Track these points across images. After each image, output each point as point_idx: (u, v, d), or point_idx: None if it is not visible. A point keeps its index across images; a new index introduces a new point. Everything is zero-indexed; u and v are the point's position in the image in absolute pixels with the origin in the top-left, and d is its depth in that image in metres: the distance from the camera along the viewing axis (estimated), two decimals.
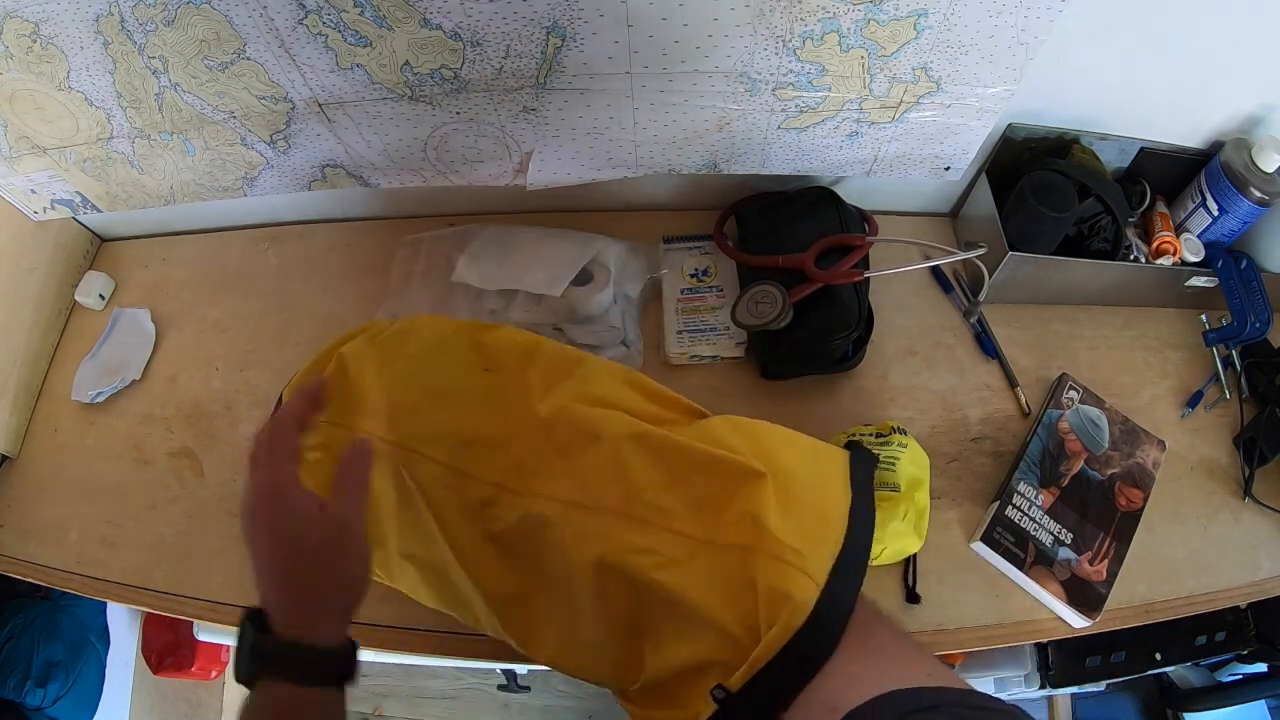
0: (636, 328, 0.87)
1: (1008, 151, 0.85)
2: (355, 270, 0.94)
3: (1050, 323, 0.89)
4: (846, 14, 0.65)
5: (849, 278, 0.79)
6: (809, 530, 0.51)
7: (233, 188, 0.86)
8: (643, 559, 0.51)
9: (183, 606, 0.75)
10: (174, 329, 0.92)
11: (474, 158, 0.82)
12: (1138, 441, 0.79)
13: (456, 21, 0.65)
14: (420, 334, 0.65)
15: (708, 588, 0.49)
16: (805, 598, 0.47)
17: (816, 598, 0.47)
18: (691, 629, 0.50)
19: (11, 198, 0.86)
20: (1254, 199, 0.78)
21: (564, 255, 0.86)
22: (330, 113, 0.75)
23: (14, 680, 1.01)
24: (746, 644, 0.47)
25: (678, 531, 0.52)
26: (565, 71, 0.70)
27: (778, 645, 0.45)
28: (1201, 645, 0.98)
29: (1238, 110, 0.80)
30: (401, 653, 0.72)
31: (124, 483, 0.82)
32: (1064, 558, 0.72)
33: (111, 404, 0.87)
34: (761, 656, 0.46)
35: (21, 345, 0.87)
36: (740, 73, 0.71)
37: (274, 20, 0.65)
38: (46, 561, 0.79)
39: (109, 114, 0.75)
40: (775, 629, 0.46)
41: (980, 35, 0.67)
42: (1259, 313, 0.82)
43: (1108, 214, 0.82)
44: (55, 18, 0.65)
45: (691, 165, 0.83)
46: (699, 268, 0.91)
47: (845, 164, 0.84)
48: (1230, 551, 0.77)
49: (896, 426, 0.73)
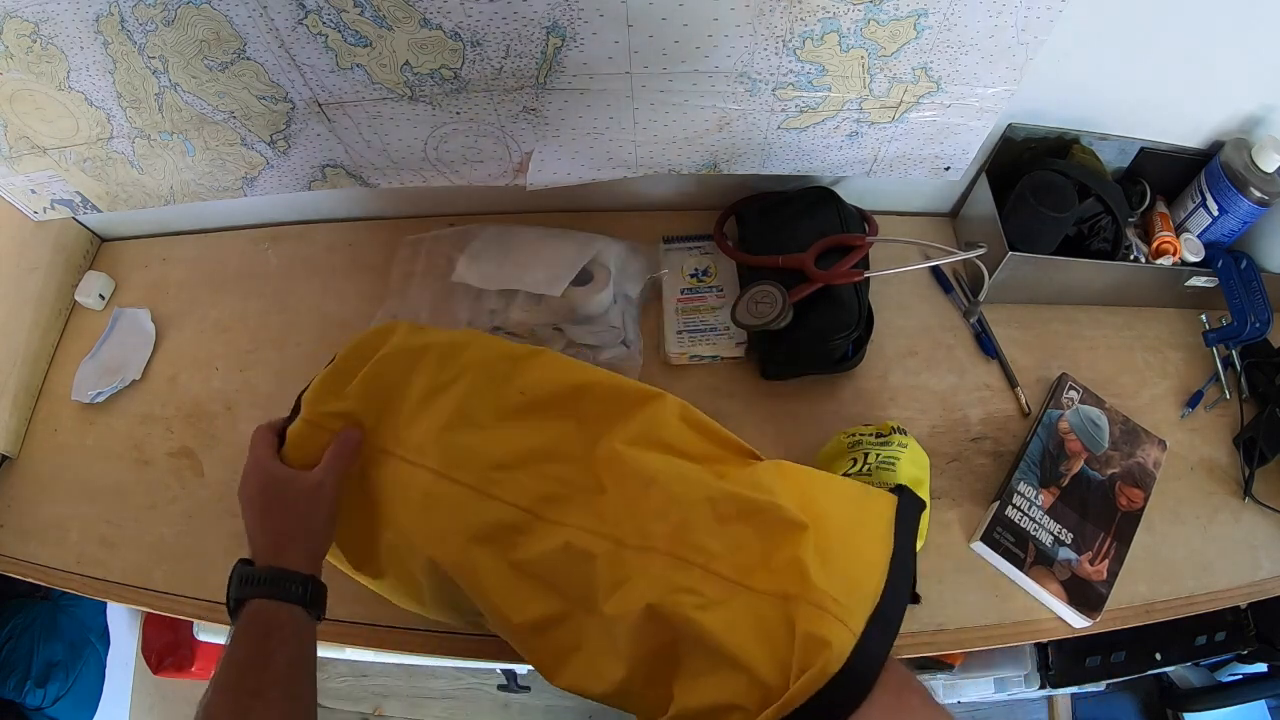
0: (636, 328, 0.87)
1: (1008, 151, 0.85)
2: (355, 270, 0.94)
3: (1050, 323, 0.89)
4: (846, 14, 0.65)
5: (849, 278, 0.79)
6: (849, 580, 0.51)
7: (233, 188, 0.86)
8: (685, 598, 0.52)
9: (183, 606, 0.76)
10: (174, 329, 0.92)
11: (474, 158, 0.82)
12: (1138, 441, 0.79)
13: (456, 21, 0.65)
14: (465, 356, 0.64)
15: (745, 631, 0.50)
16: (842, 646, 0.47)
17: (853, 646, 0.47)
18: (724, 670, 0.50)
19: (11, 198, 0.86)
20: (1254, 199, 0.78)
21: (564, 255, 0.86)
22: (330, 113, 0.75)
23: (14, 680, 1.01)
24: (777, 688, 0.47)
25: (720, 574, 0.53)
26: (565, 71, 0.70)
27: (810, 690, 0.45)
28: (1201, 645, 0.99)
29: (1238, 110, 0.80)
30: (401, 653, 0.72)
31: (124, 483, 0.82)
32: (1064, 558, 0.72)
33: (111, 404, 0.87)
34: (792, 700, 0.46)
35: (21, 345, 0.87)
36: (740, 73, 0.71)
37: (274, 20, 0.65)
38: (46, 561, 0.79)
39: (109, 114, 0.75)
40: (809, 674, 0.46)
41: (980, 35, 0.67)
42: (1259, 313, 0.82)
43: (1108, 214, 0.82)
44: (55, 18, 0.65)
45: (691, 165, 0.83)
46: (699, 268, 0.91)
47: (845, 164, 0.84)
48: (1230, 551, 0.77)
49: (896, 426, 0.73)
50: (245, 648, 0.49)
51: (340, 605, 0.72)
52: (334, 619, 0.72)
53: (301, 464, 0.57)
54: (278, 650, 0.49)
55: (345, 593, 0.72)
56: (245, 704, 0.47)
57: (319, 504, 0.55)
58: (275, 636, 0.50)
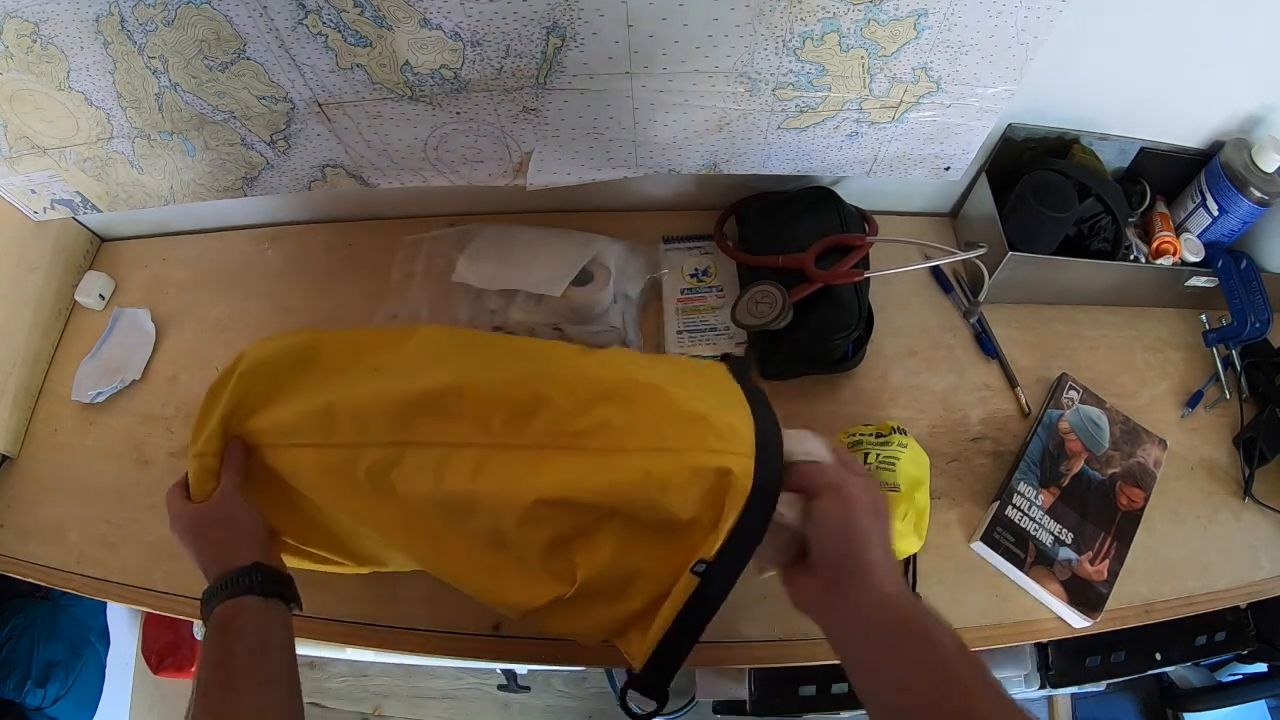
0: (636, 328, 0.87)
1: (1008, 151, 0.85)
2: (355, 270, 0.94)
3: (1050, 323, 0.89)
4: (846, 14, 0.65)
5: (849, 278, 0.79)
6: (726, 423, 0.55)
7: (233, 188, 0.86)
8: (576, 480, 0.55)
9: (183, 606, 0.75)
10: (174, 329, 0.92)
11: (474, 158, 0.82)
12: (1138, 441, 0.79)
13: (456, 21, 0.65)
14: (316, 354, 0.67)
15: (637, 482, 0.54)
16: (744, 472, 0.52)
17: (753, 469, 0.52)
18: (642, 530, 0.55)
19: (11, 198, 0.86)
20: (1254, 199, 0.78)
21: (564, 255, 0.86)
22: (330, 113, 0.75)
23: (14, 680, 1.01)
24: (701, 523, 0.53)
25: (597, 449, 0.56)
26: (565, 71, 0.70)
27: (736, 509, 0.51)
28: (1201, 645, 0.98)
29: (1238, 110, 0.80)
30: (401, 653, 0.72)
31: (124, 483, 0.82)
32: (1064, 558, 0.72)
33: (111, 404, 0.87)
34: (724, 524, 0.51)
35: (21, 345, 0.87)
36: (740, 73, 0.71)
37: (274, 20, 0.65)
38: (46, 561, 0.79)
39: (109, 114, 0.75)
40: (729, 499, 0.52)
41: (980, 35, 0.67)
42: (1259, 313, 0.82)
43: (1108, 214, 0.82)
44: (55, 18, 0.65)
45: (691, 165, 0.83)
46: (699, 268, 0.91)
47: (845, 164, 0.84)
48: (1230, 551, 0.77)
49: (896, 426, 0.73)
50: (209, 648, 0.52)
51: (340, 605, 0.73)
52: (334, 619, 0.73)
53: (206, 495, 0.60)
54: (236, 640, 0.51)
55: (346, 593, 0.72)
56: (216, 697, 0.49)
57: (232, 507, 0.59)
58: (232, 629, 0.52)
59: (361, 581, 0.69)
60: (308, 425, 0.60)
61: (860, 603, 0.47)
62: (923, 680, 0.43)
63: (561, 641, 0.70)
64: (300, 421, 0.61)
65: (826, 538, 0.50)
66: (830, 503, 0.50)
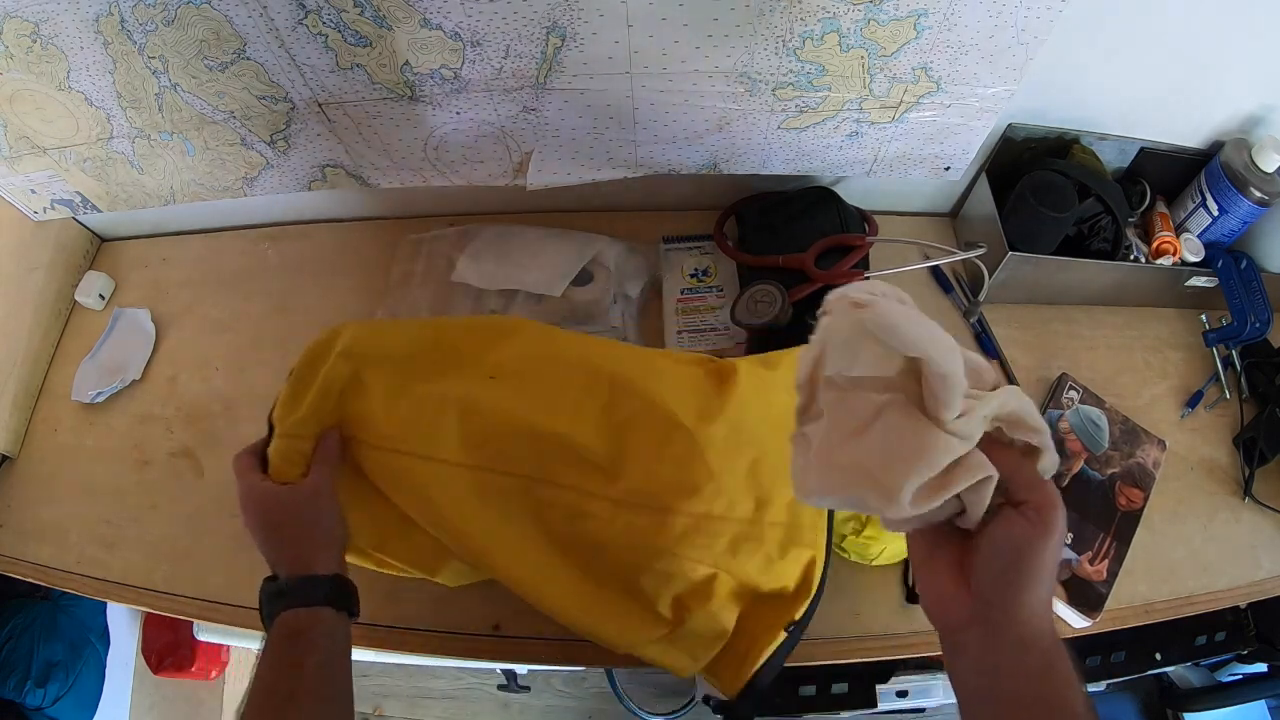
0: (636, 328, 0.87)
1: (1008, 151, 0.85)
2: (355, 270, 0.94)
3: (1050, 323, 0.89)
4: (846, 14, 0.65)
5: (849, 278, 0.78)
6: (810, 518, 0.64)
7: (233, 188, 0.86)
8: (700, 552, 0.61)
9: (183, 606, 0.75)
10: (174, 329, 0.92)
11: (474, 158, 0.82)
12: (1138, 441, 0.79)
13: (456, 21, 0.65)
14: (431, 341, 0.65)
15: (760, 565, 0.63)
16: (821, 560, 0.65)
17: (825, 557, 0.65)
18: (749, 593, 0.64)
19: (11, 198, 0.86)
20: (1254, 199, 0.78)
21: (564, 255, 0.86)
22: (330, 113, 0.75)
23: (14, 680, 1.01)
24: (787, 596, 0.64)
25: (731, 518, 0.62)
26: (565, 71, 0.70)
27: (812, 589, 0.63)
28: (1201, 645, 0.98)
29: (1238, 110, 0.80)
30: (401, 653, 0.72)
31: (124, 483, 0.82)
32: (1064, 558, 0.72)
33: (111, 404, 0.87)
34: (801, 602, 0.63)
35: (21, 345, 0.87)
36: (740, 73, 0.71)
37: (274, 20, 0.65)
38: (46, 561, 0.79)
39: (109, 114, 0.75)
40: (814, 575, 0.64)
41: (980, 35, 0.67)
42: (1259, 313, 0.82)
43: (1108, 214, 0.82)
44: (55, 18, 0.65)
45: (691, 165, 0.83)
46: (699, 268, 0.91)
47: (845, 164, 0.84)
48: (1230, 551, 0.77)
49: None
50: (276, 656, 0.51)
51: None
52: None
53: (290, 478, 0.57)
54: (307, 654, 0.50)
55: None
56: (277, 707, 0.48)
57: (322, 507, 0.56)
58: (304, 640, 0.51)
59: (362, 581, 0.69)
60: (416, 434, 0.59)
61: (1006, 642, 0.40)
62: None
63: (562, 641, 0.70)
64: (407, 427, 0.59)
65: (1000, 558, 0.41)
66: (1029, 527, 0.42)
